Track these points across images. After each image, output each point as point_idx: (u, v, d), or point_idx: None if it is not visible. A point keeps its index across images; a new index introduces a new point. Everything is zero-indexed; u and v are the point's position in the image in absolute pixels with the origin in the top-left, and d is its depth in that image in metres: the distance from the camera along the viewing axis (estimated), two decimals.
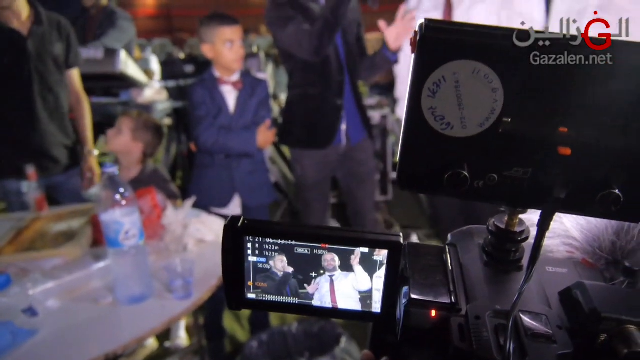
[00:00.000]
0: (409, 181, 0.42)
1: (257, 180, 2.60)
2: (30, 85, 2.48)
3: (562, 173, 0.38)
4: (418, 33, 0.36)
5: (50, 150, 2.59)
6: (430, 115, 0.37)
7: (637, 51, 0.35)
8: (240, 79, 2.56)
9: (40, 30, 2.49)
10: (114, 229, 1.51)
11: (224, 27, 2.43)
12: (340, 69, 2.53)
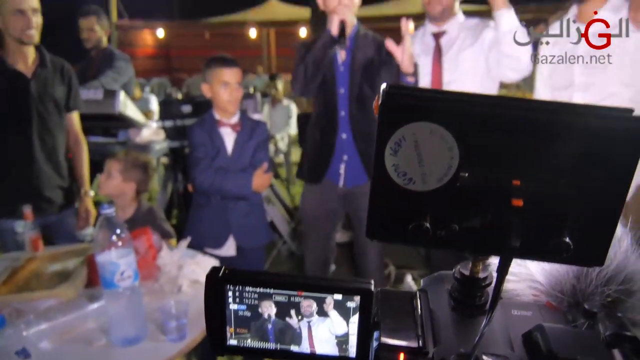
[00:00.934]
0: (376, 231, 0.46)
1: (252, 222, 2.63)
2: (30, 126, 2.55)
3: (516, 223, 0.42)
4: (380, 97, 0.39)
5: (45, 190, 2.63)
6: (394, 171, 0.41)
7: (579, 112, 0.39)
8: (239, 121, 2.62)
9: (44, 73, 2.58)
10: (110, 270, 1.53)
11: (221, 69, 2.52)
12: (336, 108, 2.59)
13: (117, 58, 3.79)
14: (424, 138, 0.38)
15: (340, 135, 2.60)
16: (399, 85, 0.40)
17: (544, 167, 0.39)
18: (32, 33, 2.50)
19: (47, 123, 2.61)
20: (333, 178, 2.64)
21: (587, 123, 0.38)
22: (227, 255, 2.63)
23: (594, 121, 0.38)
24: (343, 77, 2.57)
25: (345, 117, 2.59)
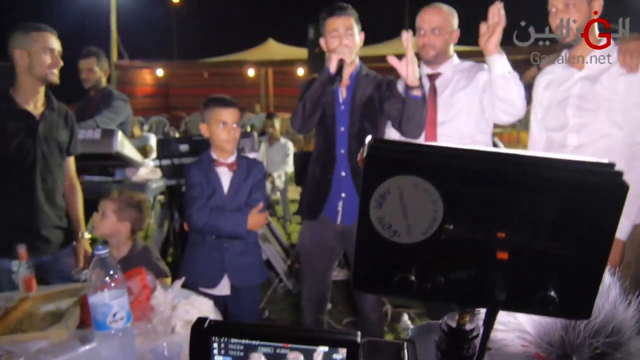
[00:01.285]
0: (362, 282, 0.46)
1: (247, 261, 2.63)
2: (34, 166, 2.59)
3: (502, 276, 0.42)
4: (365, 151, 0.40)
5: (43, 230, 2.64)
6: (378, 223, 0.42)
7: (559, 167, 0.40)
8: (236, 160, 2.64)
9: (51, 115, 2.65)
10: (102, 312, 1.52)
11: (219, 109, 2.57)
12: (335, 146, 2.62)
13: (115, 98, 3.85)
14: (408, 191, 0.39)
15: (339, 173, 2.62)
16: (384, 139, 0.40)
17: (526, 220, 0.40)
18: (57, 73, 2.58)
19: (49, 164, 2.65)
20: (331, 215, 2.65)
21: (566, 178, 0.38)
22: (221, 294, 2.61)
23: (573, 176, 0.38)
24: (343, 115, 2.61)
25: (345, 155, 2.62)
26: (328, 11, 2.59)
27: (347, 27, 2.56)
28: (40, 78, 2.54)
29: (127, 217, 2.54)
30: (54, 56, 2.54)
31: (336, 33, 2.54)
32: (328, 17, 2.58)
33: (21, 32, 2.51)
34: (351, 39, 2.55)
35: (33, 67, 2.51)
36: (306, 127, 2.58)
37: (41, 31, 2.52)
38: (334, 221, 2.66)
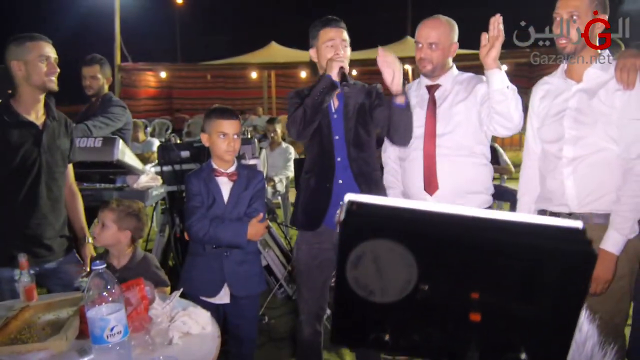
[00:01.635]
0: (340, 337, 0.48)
1: (246, 270, 2.65)
2: (38, 176, 2.61)
3: (474, 337, 0.44)
4: (341, 214, 0.42)
5: (47, 239, 2.66)
6: (354, 283, 0.43)
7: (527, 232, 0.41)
8: (236, 170, 2.67)
9: (53, 124, 2.68)
10: (100, 326, 1.55)
11: (221, 120, 2.59)
12: (332, 154, 2.63)
13: (114, 104, 3.89)
14: (383, 254, 0.41)
15: (337, 181, 2.63)
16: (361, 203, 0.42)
17: (498, 283, 0.41)
18: (55, 80, 2.60)
19: (54, 173, 2.68)
20: (329, 225, 2.66)
21: (536, 244, 0.40)
22: (221, 303, 2.63)
23: (543, 243, 0.40)
24: (337, 123, 2.62)
25: (343, 163, 2.63)
26: (323, 22, 2.61)
27: (343, 39, 2.58)
28: (39, 87, 2.56)
29: (127, 226, 2.57)
30: (50, 64, 2.56)
31: (332, 43, 2.55)
32: (323, 27, 2.59)
33: (15, 43, 2.53)
34: (346, 50, 2.57)
35: (30, 76, 2.53)
36: (305, 134, 2.57)
37: (35, 40, 2.54)
38: (332, 230, 2.66)
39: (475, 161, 2.64)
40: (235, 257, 2.61)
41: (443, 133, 2.63)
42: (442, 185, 2.63)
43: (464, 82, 2.67)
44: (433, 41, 2.60)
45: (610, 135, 2.18)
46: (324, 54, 2.57)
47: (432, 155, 2.64)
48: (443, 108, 2.66)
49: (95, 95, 3.96)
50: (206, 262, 2.63)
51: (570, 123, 2.27)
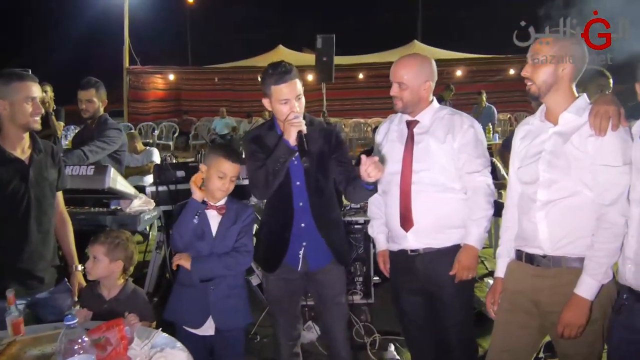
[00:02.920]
0: None
1: (232, 304, 2.70)
2: (29, 211, 2.65)
3: None
4: None
5: (38, 271, 2.70)
6: None
7: None
8: (226, 204, 2.72)
9: (39, 157, 2.71)
10: None
11: (223, 161, 2.62)
12: (292, 200, 2.67)
13: (109, 128, 3.96)
14: None
15: (298, 224, 2.69)
16: None
17: None
18: (39, 120, 2.65)
19: (43, 206, 2.71)
20: (291, 262, 2.72)
21: None
22: (206, 334, 2.69)
23: None
24: (298, 170, 2.66)
25: (304, 207, 2.68)
26: (273, 79, 2.53)
27: (297, 93, 2.55)
28: (23, 127, 2.60)
29: (118, 257, 2.63)
30: (35, 104, 2.59)
31: (285, 101, 2.54)
32: (274, 84, 2.53)
33: (2, 82, 2.55)
34: (301, 102, 2.58)
35: (15, 116, 2.57)
36: (268, 195, 2.65)
37: (23, 81, 2.57)
38: (295, 268, 2.72)
39: (453, 196, 2.68)
40: (222, 291, 2.67)
41: (420, 169, 2.67)
42: (417, 221, 2.68)
43: (444, 119, 2.71)
44: (400, 81, 2.66)
45: (583, 180, 2.21)
46: (279, 110, 2.56)
47: (407, 192, 2.69)
48: (420, 145, 2.70)
49: (91, 117, 4.05)
50: (192, 294, 2.69)
51: (545, 166, 2.29)
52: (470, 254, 2.63)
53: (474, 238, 2.63)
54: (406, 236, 2.71)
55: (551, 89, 2.28)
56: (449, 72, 17.03)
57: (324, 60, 11.79)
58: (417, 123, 2.74)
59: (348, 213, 4.50)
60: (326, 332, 2.92)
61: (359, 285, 4.41)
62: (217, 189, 2.64)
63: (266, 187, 2.59)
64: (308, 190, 2.67)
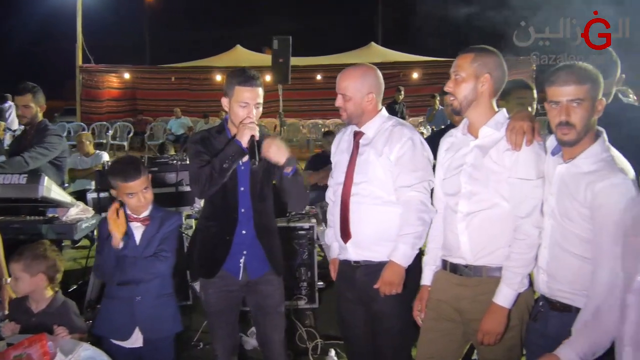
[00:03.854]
0: None
1: (159, 313, 2.70)
2: None
3: None
4: None
5: None
6: None
7: None
8: (150, 215, 2.72)
9: None
10: None
11: (124, 184, 2.61)
12: (237, 205, 2.68)
13: (49, 134, 3.89)
14: None
15: (240, 232, 2.70)
16: None
17: None
18: None
19: None
20: (232, 271, 2.72)
21: None
22: (134, 346, 2.68)
23: None
24: (244, 175, 2.67)
25: (247, 214, 2.69)
26: (239, 80, 2.57)
27: (257, 101, 2.59)
28: None
29: (38, 270, 2.60)
30: None
31: (244, 104, 2.56)
32: (238, 85, 2.57)
33: None
34: (259, 110, 2.61)
35: None
36: (209, 193, 2.62)
37: None
38: (235, 276, 2.73)
39: (392, 210, 2.64)
40: (148, 300, 2.67)
41: (359, 181, 2.68)
42: (355, 233, 2.68)
43: (386, 131, 2.69)
44: (344, 93, 2.67)
45: (500, 192, 2.29)
46: (236, 112, 2.59)
47: (346, 203, 2.70)
48: (362, 157, 2.70)
49: (29, 123, 3.97)
50: (118, 306, 2.68)
51: (466, 178, 2.37)
52: (394, 271, 2.55)
53: (399, 255, 2.55)
54: (346, 247, 2.73)
55: (472, 104, 2.35)
56: (405, 75, 17.27)
57: (281, 61, 11.77)
58: (362, 134, 2.74)
59: (293, 218, 4.52)
60: (264, 342, 2.91)
61: (304, 290, 4.44)
62: (135, 206, 2.65)
63: (209, 185, 2.55)
64: (252, 197, 2.68)
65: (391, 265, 2.56)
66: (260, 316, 2.86)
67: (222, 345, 2.82)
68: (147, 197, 2.65)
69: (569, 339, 1.97)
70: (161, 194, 4.13)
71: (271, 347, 2.86)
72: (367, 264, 2.68)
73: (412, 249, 2.56)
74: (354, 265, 2.72)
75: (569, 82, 2.05)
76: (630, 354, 1.72)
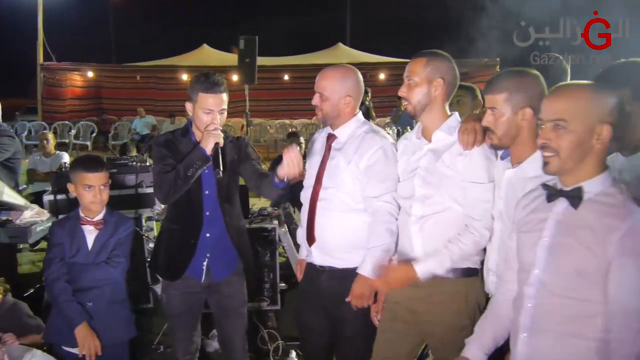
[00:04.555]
0: None
1: (111, 319, 2.67)
2: None
3: None
4: None
5: None
6: None
7: None
8: (104, 218, 2.68)
9: None
10: None
11: (85, 174, 2.59)
12: (201, 208, 2.67)
13: (2, 135, 3.81)
14: None
15: (204, 235, 2.69)
16: None
17: None
18: None
19: None
20: (195, 274, 2.71)
21: None
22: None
23: None
24: (209, 179, 2.66)
25: (211, 217, 2.69)
26: (203, 87, 2.55)
27: (221, 107, 2.58)
28: None
29: None
30: None
31: (209, 111, 2.55)
32: (202, 92, 2.55)
33: None
34: (223, 116, 2.60)
35: None
36: (172, 199, 2.62)
37: None
38: (198, 279, 2.72)
39: (359, 218, 2.60)
40: (100, 306, 2.63)
41: (328, 186, 2.65)
42: (319, 238, 2.66)
43: (358, 138, 2.63)
44: (321, 92, 2.63)
45: (453, 196, 2.33)
46: (200, 118, 2.57)
47: (313, 207, 2.68)
48: (333, 162, 2.66)
49: None
50: None
51: (420, 182, 2.40)
52: (363, 284, 2.49)
53: (367, 268, 2.48)
54: (311, 250, 2.71)
55: (426, 109, 2.38)
56: (372, 75, 17.37)
57: (247, 61, 11.70)
58: (335, 138, 2.70)
59: (255, 220, 4.51)
60: (225, 343, 2.91)
61: (266, 291, 4.44)
62: (90, 202, 2.61)
63: (173, 191, 2.55)
64: (219, 200, 2.68)
65: (360, 278, 2.50)
66: (222, 317, 2.86)
67: (183, 348, 2.81)
68: (103, 195, 2.62)
69: (472, 336, 2.05)
70: (121, 196, 4.10)
71: (232, 348, 2.86)
72: (332, 269, 2.65)
73: (380, 261, 2.50)
74: (319, 269, 2.70)
75: (487, 90, 2.16)
76: (526, 340, 1.79)
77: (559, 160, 1.69)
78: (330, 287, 2.64)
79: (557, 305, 1.72)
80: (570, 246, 1.70)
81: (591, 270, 1.65)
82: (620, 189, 1.69)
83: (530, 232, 1.83)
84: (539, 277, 1.77)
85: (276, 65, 17.08)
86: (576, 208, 1.70)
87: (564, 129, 1.67)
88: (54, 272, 2.55)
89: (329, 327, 2.77)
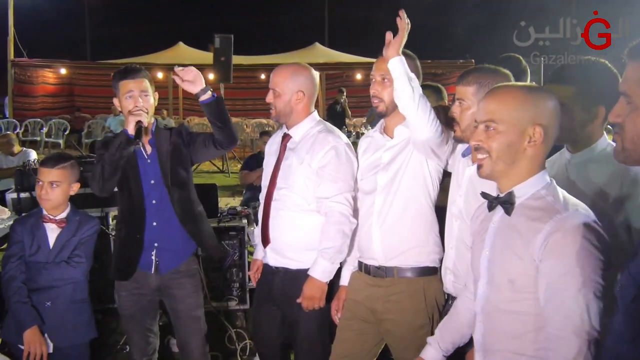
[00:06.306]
0: None
1: (71, 320, 2.63)
2: None
3: None
4: None
5: None
6: None
7: None
8: (67, 217, 2.65)
9: None
10: None
11: (40, 167, 2.61)
12: (143, 200, 2.66)
13: None
14: None
15: (150, 224, 2.67)
16: None
17: None
18: None
19: None
20: (144, 268, 2.69)
21: None
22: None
23: None
24: (152, 167, 2.67)
25: (158, 205, 2.67)
26: (121, 74, 2.61)
27: (142, 90, 2.60)
28: None
29: None
30: None
31: (130, 95, 2.57)
32: (121, 79, 2.60)
33: None
34: (147, 99, 2.60)
35: None
36: (106, 189, 2.60)
37: None
38: (148, 272, 2.69)
39: (313, 219, 2.60)
40: (59, 306, 2.59)
41: (281, 187, 2.65)
42: (273, 238, 2.66)
43: (311, 138, 2.62)
44: (274, 88, 2.64)
45: (412, 190, 2.36)
46: (125, 106, 2.59)
47: (267, 207, 2.68)
48: (287, 162, 2.66)
49: None
50: None
51: (382, 177, 2.42)
52: (314, 286, 2.49)
53: (319, 270, 2.48)
54: (266, 252, 2.71)
55: (396, 108, 2.33)
56: (349, 75, 17.41)
57: (222, 60, 11.61)
58: (289, 138, 2.70)
59: (224, 219, 4.48)
60: (182, 347, 2.86)
61: (235, 291, 4.41)
62: (39, 198, 2.60)
63: (104, 178, 2.54)
64: (167, 187, 2.66)
65: (310, 280, 2.50)
66: (176, 321, 2.82)
67: (139, 349, 2.79)
68: (50, 193, 2.58)
69: (432, 337, 2.04)
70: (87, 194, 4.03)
71: (189, 352, 2.82)
72: (286, 270, 2.65)
73: (331, 264, 2.50)
74: (273, 269, 2.70)
75: (459, 81, 2.18)
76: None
77: (491, 162, 1.64)
78: (284, 288, 2.64)
79: (503, 322, 1.65)
80: (504, 255, 1.65)
81: (523, 278, 1.58)
82: (551, 191, 1.63)
83: (477, 244, 1.80)
84: (484, 291, 1.72)
85: (252, 64, 16.99)
86: (509, 214, 1.65)
87: (494, 130, 1.63)
88: (10, 270, 2.51)
89: (284, 328, 2.77)
